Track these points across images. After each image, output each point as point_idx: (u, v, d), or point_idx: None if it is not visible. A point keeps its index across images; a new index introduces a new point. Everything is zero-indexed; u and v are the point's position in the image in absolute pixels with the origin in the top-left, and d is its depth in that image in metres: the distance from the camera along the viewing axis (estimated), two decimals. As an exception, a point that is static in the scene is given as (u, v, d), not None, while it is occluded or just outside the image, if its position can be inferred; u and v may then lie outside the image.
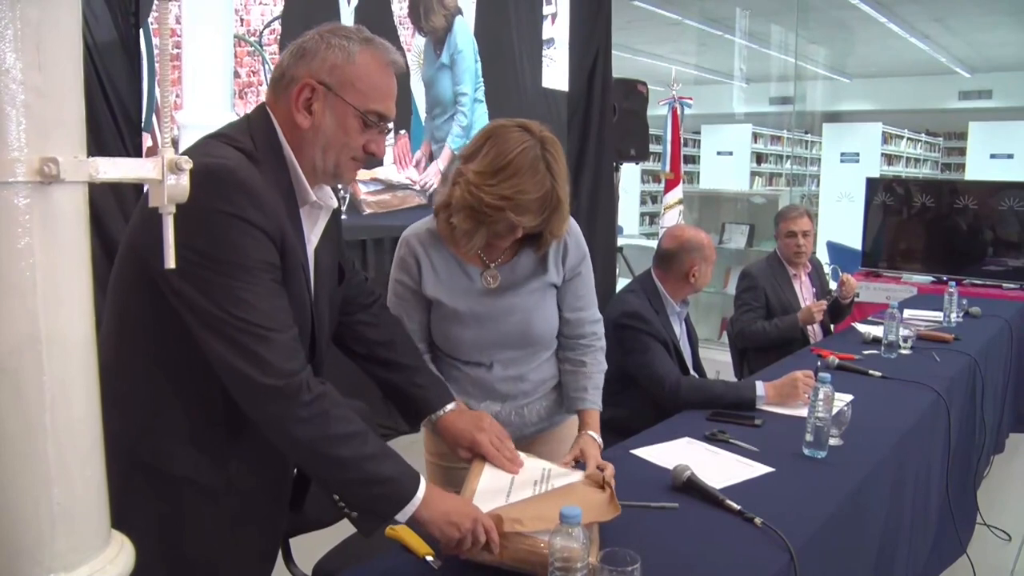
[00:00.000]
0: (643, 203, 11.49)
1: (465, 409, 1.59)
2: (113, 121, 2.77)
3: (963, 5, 8.25)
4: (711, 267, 2.51)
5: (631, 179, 10.57)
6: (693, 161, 11.60)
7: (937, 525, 2.44)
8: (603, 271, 4.85)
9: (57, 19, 0.69)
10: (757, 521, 1.42)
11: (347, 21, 3.53)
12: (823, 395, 1.82)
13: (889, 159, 10.93)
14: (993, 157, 9.98)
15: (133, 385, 1.20)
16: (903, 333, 2.92)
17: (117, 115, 2.79)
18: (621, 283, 5.10)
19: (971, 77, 12.05)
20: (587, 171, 5.08)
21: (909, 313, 3.55)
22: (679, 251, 2.45)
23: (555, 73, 4.88)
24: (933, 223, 5.31)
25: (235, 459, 1.26)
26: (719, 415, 2.11)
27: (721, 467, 1.74)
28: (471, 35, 4.28)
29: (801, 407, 2.07)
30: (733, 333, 3.34)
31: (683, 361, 2.47)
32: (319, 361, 1.35)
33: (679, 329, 2.54)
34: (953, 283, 3.67)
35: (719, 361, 4.21)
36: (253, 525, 1.33)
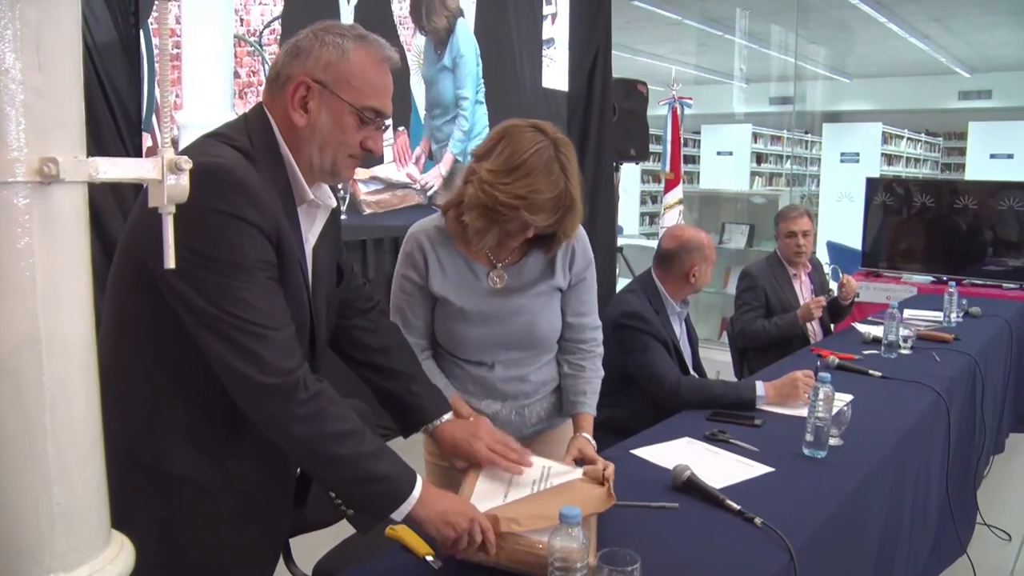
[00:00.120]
0: (643, 203, 11.49)
1: (462, 418, 1.59)
2: (113, 121, 2.77)
3: (963, 5, 8.25)
4: (711, 267, 2.51)
5: (631, 179, 10.56)
6: (693, 161, 11.60)
7: (937, 525, 2.44)
8: (603, 271, 4.85)
9: (57, 19, 0.69)
10: (757, 521, 1.42)
11: (347, 21, 3.52)
12: (823, 395, 1.82)
13: (889, 159, 10.93)
14: (993, 157, 9.98)
15: (132, 385, 1.20)
16: (903, 333, 2.92)
17: (117, 115, 2.78)
18: (621, 283, 5.10)
19: (971, 77, 12.05)
20: (587, 171, 5.05)
21: (909, 313, 3.55)
22: (679, 251, 2.45)
23: (555, 73, 4.88)
24: (933, 223, 5.31)
25: (235, 458, 1.26)
26: (719, 415, 2.11)
27: (721, 467, 1.74)
28: (473, 38, 4.28)
29: (801, 407, 2.07)
30: (733, 333, 3.34)
31: (683, 361, 2.47)
32: (318, 360, 1.34)
33: (679, 329, 2.54)
34: (953, 283, 3.67)
35: (719, 361, 4.20)
36: (254, 525, 1.32)
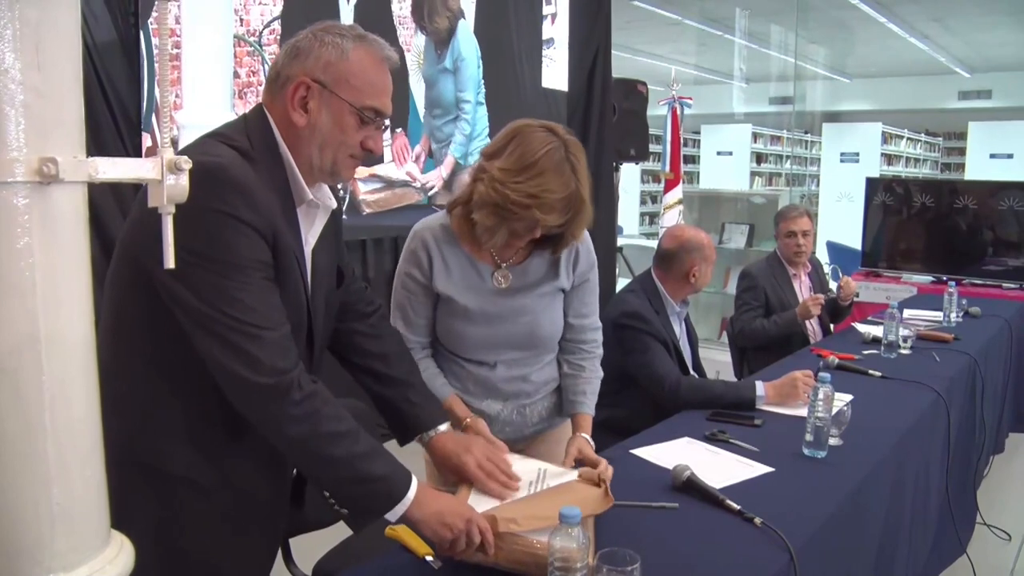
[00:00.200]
0: (643, 203, 11.49)
1: (458, 419, 1.60)
2: (112, 121, 2.77)
3: (963, 5, 8.25)
4: (711, 267, 2.51)
5: (631, 179, 10.56)
6: (693, 161, 11.60)
7: (937, 525, 2.44)
8: (603, 271, 4.82)
9: (56, 19, 0.69)
10: (757, 521, 1.42)
11: (346, 21, 3.52)
12: (823, 395, 1.82)
13: (889, 159, 10.93)
14: (993, 157, 9.98)
15: (130, 385, 1.20)
16: (903, 333, 2.92)
17: (116, 115, 2.78)
18: (621, 283, 5.09)
19: (971, 77, 12.05)
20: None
21: (909, 313, 3.55)
22: (679, 251, 2.45)
23: (555, 73, 4.88)
24: (933, 223, 5.31)
25: (233, 458, 1.26)
26: (719, 415, 2.11)
27: (721, 467, 1.74)
28: (474, 40, 4.28)
29: (801, 407, 2.07)
30: (734, 332, 3.34)
31: (683, 361, 2.47)
32: (316, 361, 1.34)
33: (679, 329, 2.54)
34: (953, 283, 3.67)
35: (719, 361, 4.20)
36: (252, 524, 1.32)
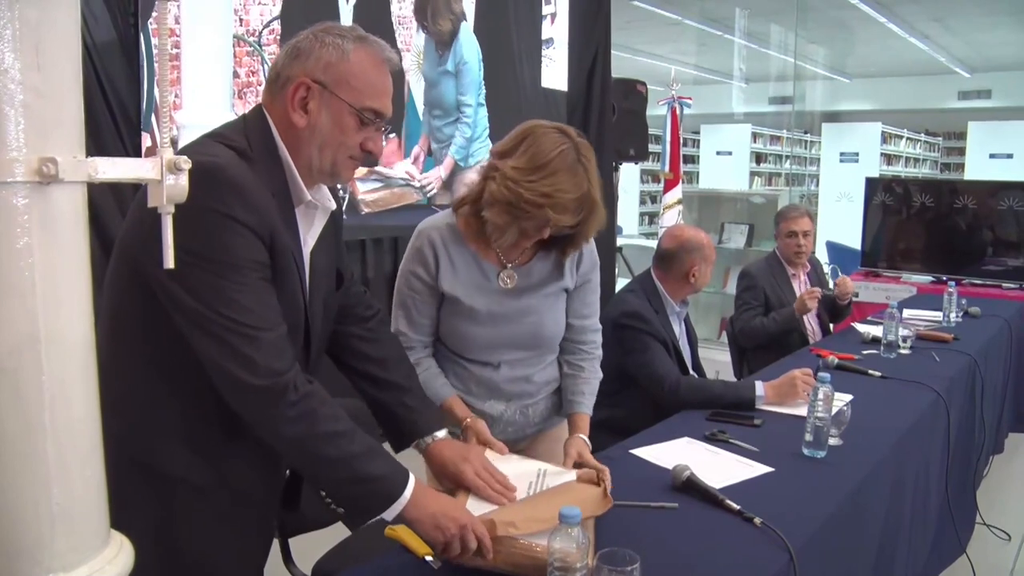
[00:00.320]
0: (642, 203, 11.48)
1: (458, 420, 1.60)
2: (112, 121, 2.77)
3: (963, 5, 8.25)
4: (711, 267, 2.51)
5: (630, 179, 10.55)
6: (692, 161, 11.60)
7: (937, 525, 2.44)
8: (603, 271, 4.82)
9: (56, 19, 0.69)
10: (757, 521, 1.42)
11: (346, 21, 3.53)
12: (823, 395, 1.82)
13: (888, 159, 10.93)
14: (992, 157, 9.97)
15: (129, 385, 1.20)
16: (902, 333, 2.92)
17: (116, 115, 2.78)
18: (621, 283, 5.10)
19: (970, 77, 12.05)
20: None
21: (908, 313, 3.55)
22: (679, 251, 2.45)
23: (554, 73, 4.88)
24: (932, 223, 5.31)
25: (231, 458, 1.26)
26: (718, 415, 2.11)
27: (721, 467, 1.74)
28: (476, 43, 4.28)
29: (801, 406, 2.07)
30: (734, 332, 3.35)
31: (682, 361, 2.47)
32: (313, 362, 1.34)
33: (679, 329, 2.54)
34: (952, 283, 3.67)
35: (719, 361, 4.20)
36: (249, 524, 1.33)
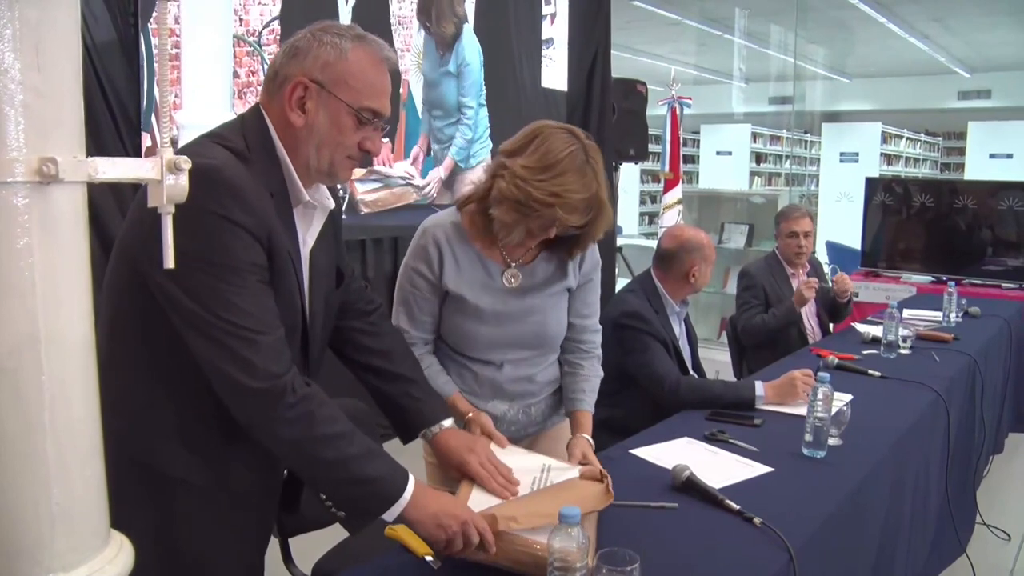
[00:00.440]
0: (642, 203, 11.48)
1: (461, 415, 1.60)
2: (112, 121, 2.77)
3: (962, 5, 8.25)
4: (711, 267, 2.51)
5: (630, 179, 10.55)
6: (692, 161, 11.60)
7: (936, 525, 2.44)
8: (603, 271, 4.84)
9: (56, 19, 0.69)
10: (756, 521, 1.42)
11: (345, 21, 3.53)
12: (822, 395, 1.82)
13: (888, 159, 10.93)
14: (992, 157, 9.97)
15: (127, 385, 1.20)
16: (902, 333, 2.92)
17: (116, 115, 2.78)
18: (621, 283, 5.09)
19: (970, 77, 12.05)
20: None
21: (908, 313, 3.55)
22: (679, 251, 2.45)
23: (554, 73, 4.88)
24: (932, 223, 5.31)
25: (229, 459, 1.26)
26: (718, 415, 2.11)
27: (720, 467, 1.74)
28: (478, 46, 4.29)
29: (801, 406, 2.07)
30: (737, 330, 3.35)
31: (682, 361, 2.47)
32: (314, 363, 1.34)
33: (678, 329, 2.54)
34: (952, 283, 3.67)
35: (718, 361, 4.20)
36: (248, 525, 1.33)
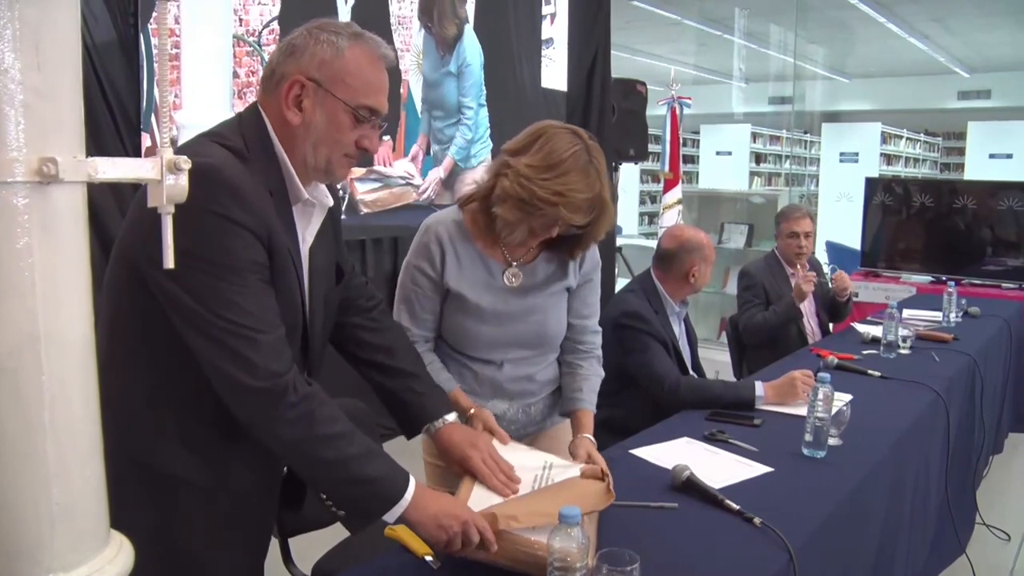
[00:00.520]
0: (642, 203, 11.48)
1: (463, 410, 1.59)
2: (112, 121, 2.77)
3: (962, 5, 8.25)
4: (710, 267, 2.51)
5: (630, 179, 10.56)
6: (692, 161, 11.60)
7: (936, 525, 2.44)
8: (603, 271, 4.85)
9: (56, 19, 0.69)
10: (756, 521, 1.42)
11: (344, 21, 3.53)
12: (822, 395, 1.82)
13: (888, 159, 10.93)
14: (992, 157, 9.97)
15: (127, 385, 1.20)
16: (902, 333, 2.92)
17: (116, 115, 2.78)
18: (621, 283, 5.09)
19: (970, 77, 12.05)
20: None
21: (908, 313, 3.55)
22: (679, 251, 2.45)
23: (554, 73, 4.88)
24: (932, 223, 5.31)
25: (229, 459, 1.26)
26: (718, 415, 2.11)
27: (720, 467, 1.74)
28: (479, 47, 4.29)
29: (801, 406, 2.07)
30: (739, 329, 3.35)
31: (682, 361, 2.47)
32: (314, 361, 1.34)
33: (678, 329, 2.54)
34: (952, 283, 3.67)
35: (718, 361, 4.21)
36: (248, 524, 1.33)
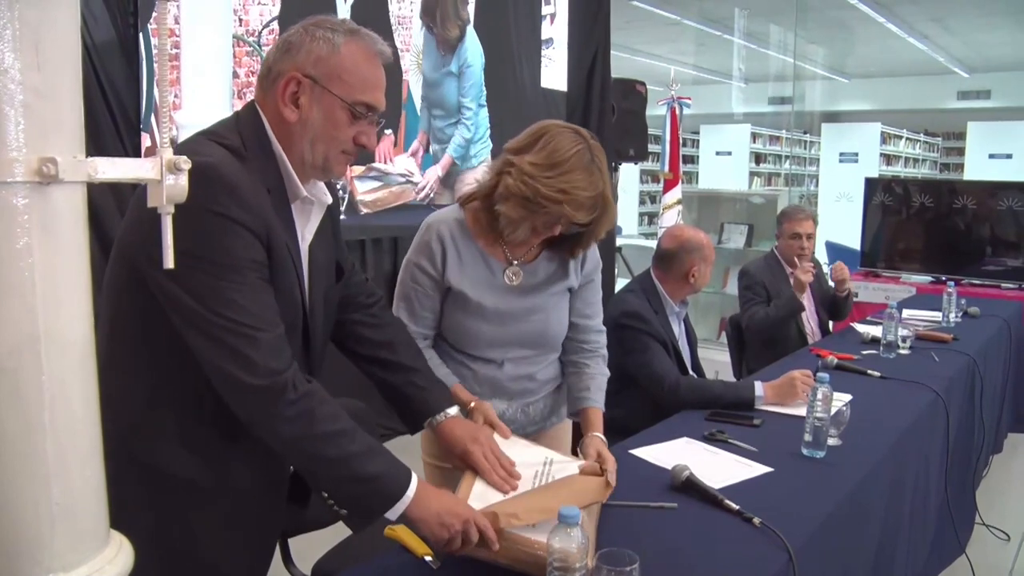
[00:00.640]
0: (642, 203, 11.49)
1: (463, 404, 1.58)
2: (112, 121, 2.77)
3: (962, 5, 8.26)
4: (710, 267, 2.51)
5: (630, 179, 10.56)
6: (692, 161, 11.61)
7: (936, 525, 2.44)
8: (603, 271, 4.85)
9: (55, 20, 0.69)
10: (756, 521, 1.42)
11: (346, 21, 3.53)
12: (822, 395, 1.82)
13: (888, 159, 10.94)
14: (992, 157, 9.99)
15: (127, 385, 1.20)
16: (902, 333, 2.92)
17: (116, 115, 2.78)
18: (621, 283, 5.09)
19: (970, 77, 12.06)
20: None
21: (908, 313, 3.56)
22: (679, 251, 2.45)
23: (554, 73, 4.88)
24: (932, 223, 5.31)
25: (230, 459, 1.26)
26: (718, 415, 2.11)
27: (720, 467, 1.74)
28: (480, 48, 4.29)
29: (800, 406, 2.07)
30: (743, 327, 3.35)
31: (682, 361, 2.47)
32: (315, 359, 1.34)
33: (678, 329, 2.54)
34: (952, 283, 3.67)
35: (718, 361, 4.21)
36: (250, 524, 1.32)
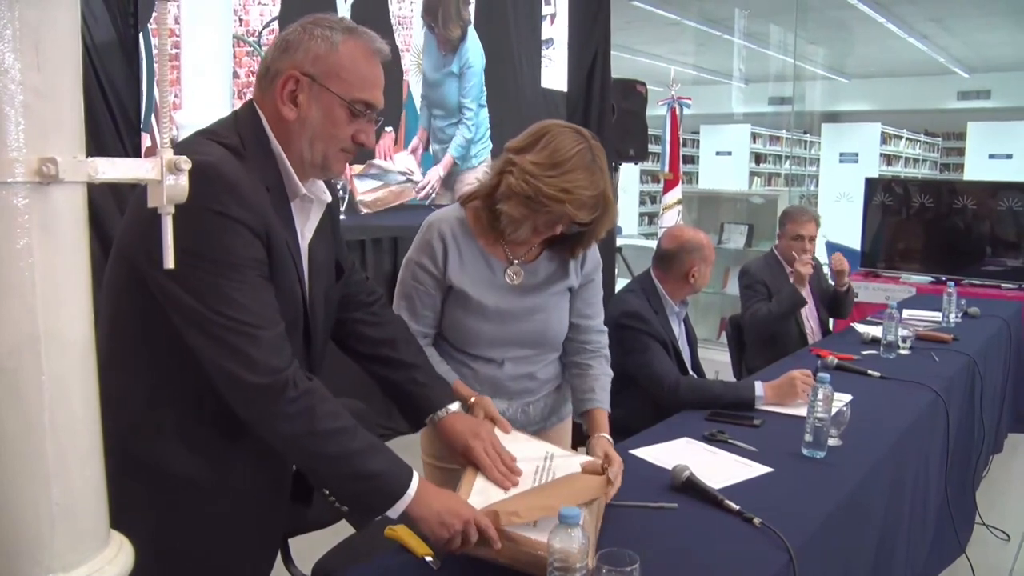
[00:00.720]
0: (642, 203, 11.50)
1: (464, 399, 1.58)
2: (112, 121, 2.77)
3: (962, 5, 8.26)
4: (710, 268, 2.51)
5: (630, 179, 10.57)
6: (692, 161, 11.62)
7: (936, 525, 2.44)
8: (603, 271, 4.84)
9: (55, 20, 0.69)
10: (756, 521, 1.42)
11: (346, 21, 3.53)
12: (822, 395, 1.82)
13: (888, 159, 10.95)
14: (992, 157, 9.99)
15: (128, 385, 1.20)
16: (902, 333, 2.92)
17: (116, 115, 2.78)
18: (621, 283, 5.09)
19: (970, 77, 12.06)
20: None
21: (908, 313, 3.56)
22: (679, 251, 2.45)
23: (554, 73, 4.88)
24: (932, 223, 5.31)
25: (231, 459, 1.26)
26: (718, 415, 2.11)
27: (720, 467, 1.74)
28: (481, 48, 4.29)
29: (800, 406, 2.07)
30: (745, 326, 3.34)
31: (682, 361, 2.47)
32: (316, 357, 1.34)
33: (678, 329, 2.54)
34: (952, 283, 3.67)
35: (718, 361, 4.21)
36: (252, 524, 1.32)
